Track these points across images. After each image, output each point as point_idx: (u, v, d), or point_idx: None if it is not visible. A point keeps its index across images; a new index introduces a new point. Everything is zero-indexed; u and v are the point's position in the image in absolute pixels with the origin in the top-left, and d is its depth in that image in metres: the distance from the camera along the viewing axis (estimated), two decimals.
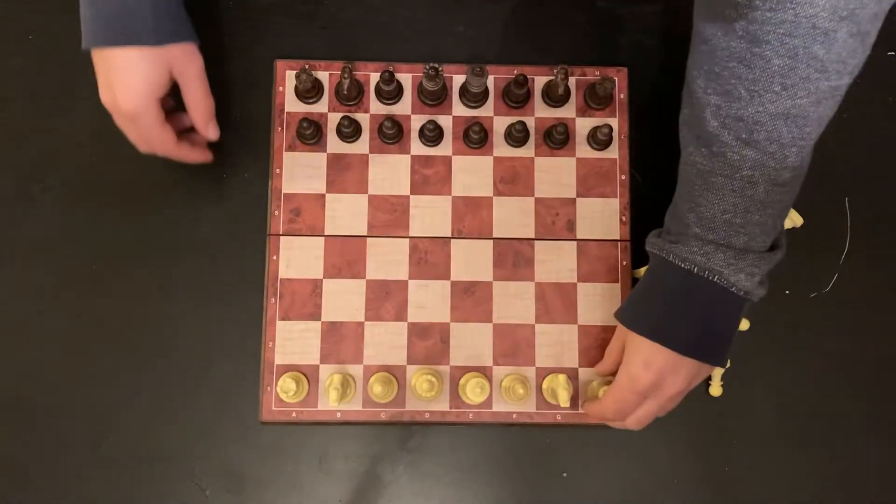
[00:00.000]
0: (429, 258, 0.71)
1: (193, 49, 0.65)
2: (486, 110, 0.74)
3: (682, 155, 0.63)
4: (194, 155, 0.68)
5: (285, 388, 0.66)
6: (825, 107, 0.56)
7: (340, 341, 0.70)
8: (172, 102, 0.68)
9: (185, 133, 0.69)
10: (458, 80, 0.74)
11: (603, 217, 0.72)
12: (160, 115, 0.63)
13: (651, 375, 0.60)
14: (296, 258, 0.71)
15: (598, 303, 0.71)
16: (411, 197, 0.72)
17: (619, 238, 0.72)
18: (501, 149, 0.73)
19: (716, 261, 0.58)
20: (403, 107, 0.73)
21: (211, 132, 0.67)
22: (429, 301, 0.71)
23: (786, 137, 0.56)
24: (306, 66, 0.71)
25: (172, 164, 0.73)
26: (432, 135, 0.71)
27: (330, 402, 0.65)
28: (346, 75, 0.70)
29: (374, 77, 0.73)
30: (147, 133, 0.64)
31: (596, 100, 0.73)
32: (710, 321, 0.60)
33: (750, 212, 0.58)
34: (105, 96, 0.63)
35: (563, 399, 0.66)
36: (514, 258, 0.72)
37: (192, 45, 0.65)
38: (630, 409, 0.63)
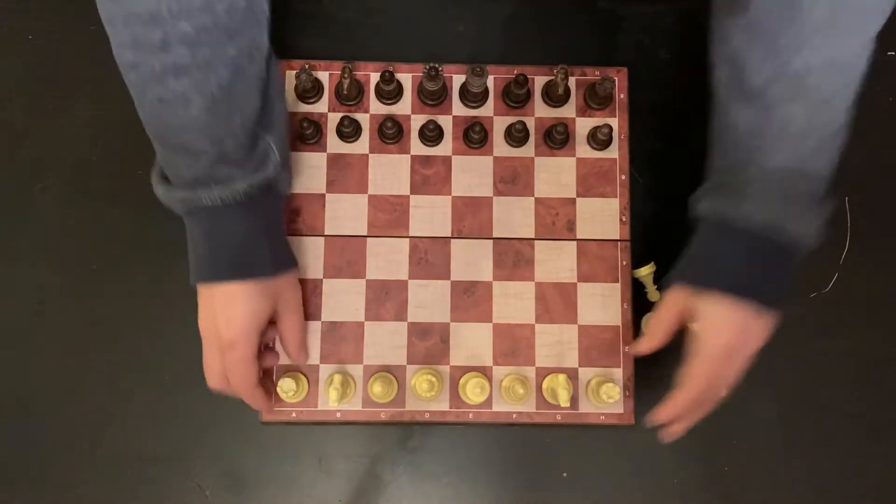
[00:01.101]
0: (429, 258, 0.71)
1: (296, 277, 0.66)
2: (486, 110, 0.74)
3: (717, 116, 0.63)
4: (260, 402, 0.64)
5: (285, 388, 0.66)
6: (864, 59, 0.56)
7: (340, 341, 0.70)
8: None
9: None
10: (458, 80, 0.74)
11: (603, 217, 0.72)
12: (255, 350, 0.61)
13: (739, 334, 0.59)
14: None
15: (598, 303, 0.71)
16: (411, 197, 0.72)
17: (619, 238, 0.72)
18: (501, 149, 0.73)
19: (778, 217, 0.58)
20: (403, 107, 0.73)
21: (302, 358, 0.67)
22: (429, 301, 0.71)
23: (833, 87, 0.56)
24: (306, 66, 0.71)
25: None
26: (432, 135, 0.71)
27: (330, 402, 0.65)
28: (346, 75, 0.70)
29: (374, 77, 0.73)
30: (237, 366, 0.61)
31: (596, 100, 0.73)
32: (777, 273, 0.60)
33: (805, 163, 0.58)
34: (205, 324, 0.61)
35: (563, 399, 0.66)
36: (514, 258, 0.72)
37: (296, 271, 0.66)
38: (724, 375, 0.60)
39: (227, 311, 0.60)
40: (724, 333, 0.59)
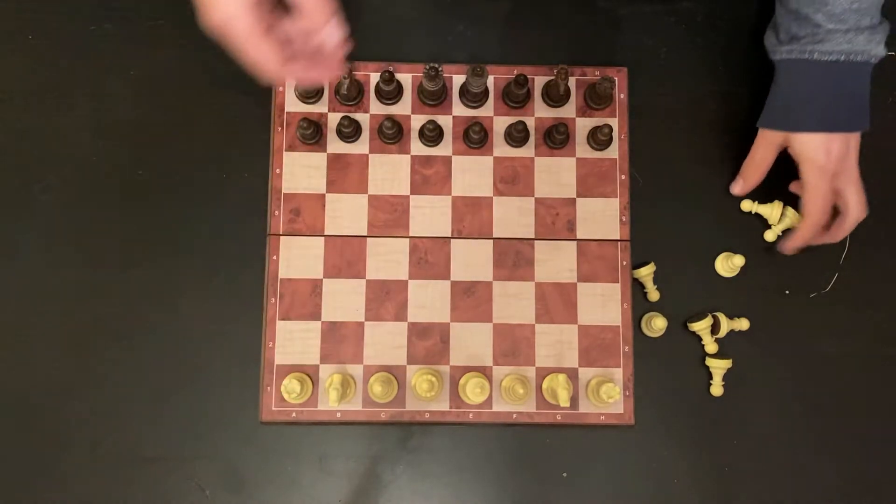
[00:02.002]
0: (429, 258, 0.71)
1: None
2: (486, 110, 0.74)
3: None
4: (316, 72, 0.54)
5: (289, 389, 0.66)
6: None
7: (340, 341, 0.70)
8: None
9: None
10: (458, 80, 0.74)
11: (603, 217, 0.72)
12: (256, 25, 0.51)
13: (834, 160, 0.66)
14: (296, 258, 0.71)
15: (598, 303, 0.71)
16: (411, 197, 0.72)
17: (619, 238, 0.72)
18: (501, 149, 0.73)
19: (858, 43, 0.64)
20: (403, 107, 0.73)
21: (335, 33, 0.53)
22: (429, 301, 0.71)
23: None
24: None
25: (171, 164, 0.73)
26: (432, 135, 0.71)
27: (330, 402, 0.65)
28: (346, 75, 0.70)
29: (374, 77, 0.73)
30: (242, 49, 0.52)
31: (596, 100, 0.73)
32: (857, 94, 0.66)
33: (862, 2, 0.64)
34: (202, 18, 0.53)
35: (563, 399, 0.66)
36: (514, 258, 0.72)
37: None
38: (830, 201, 0.67)
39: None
40: (823, 163, 0.66)
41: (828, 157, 0.66)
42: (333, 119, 0.73)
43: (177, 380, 0.70)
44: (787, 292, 0.73)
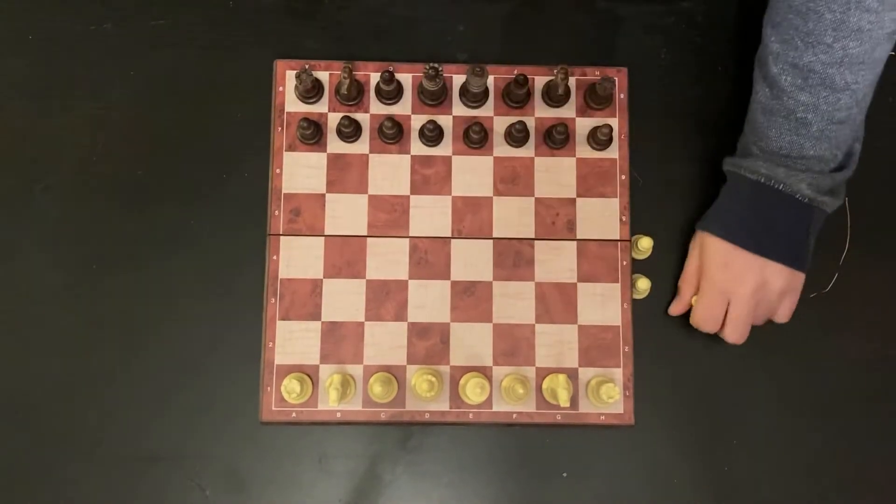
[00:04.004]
0: (429, 258, 0.71)
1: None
2: (486, 110, 0.74)
3: (752, 92, 0.69)
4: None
5: (290, 389, 0.66)
6: (882, 50, 0.62)
7: (340, 341, 0.70)
8: None
9: None
10: (458, 80, 0.74)
11: (603, 217, 0.72)
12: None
13: (728, 274, 0.66)
14: (296, 258, 0.71)
15: (598, 303, 0.71)
16: (411, 197, 0.72)
17: (618, 238, 0.72)
18: (501, 149, 0.73)
19: (779, 172, 0.65)
20: (403, 107, 0.73)
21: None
22: (429, 301, 0.71)
23: (839, 83, 0.62)
24: (306, 66, 0.71)
25: (171, 164, 0.73)
26: (432, 135, 0.71)
27: (330, 402, 0.65)
28: (346, 75, 0.70)
29: (374, 77, 0.73)
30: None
31: (596, 100, 0.73)
32: (781, 225, 0.65)
33: (805, 148, 0.64)
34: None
35: (563, 399, 0.66)
36: (514, 258, 0.72)
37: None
38: (716, 312, 0.67)
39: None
40: (715, 274, 0.67)
41: (723, 272, 0.66)
42: (333, 119, 0.73)
43: (177, 380, 0.70)
44: None
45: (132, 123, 0.74)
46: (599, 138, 0.71)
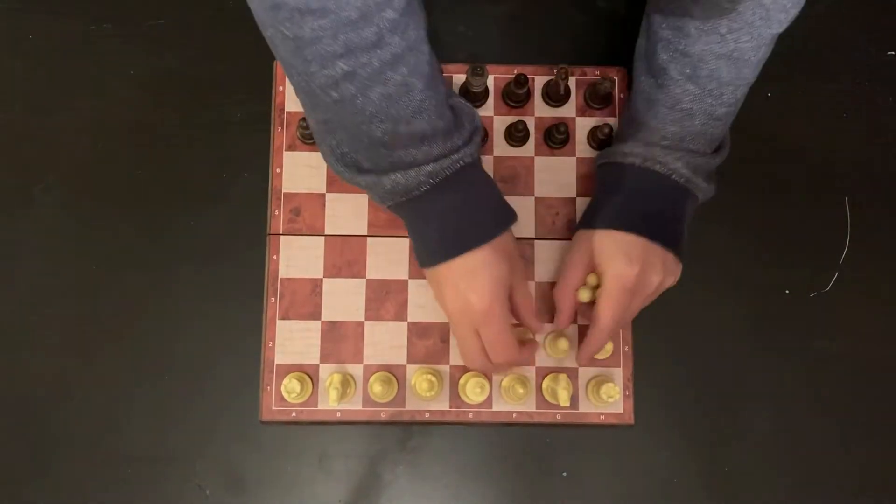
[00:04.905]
0: None
1: (511, 227, 0.64)
2: (486, 110, 0.74)
3: (633, 84, 0.67)
4: (527, 359, 0.68)
5: (289, 389, 0.66)
6: (763, 53, 0.61)
7: (340, 341, 0.70)
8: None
9: None
10: (458, 80, 0.74)
11: None
12: (509, 314, 0.62)
13: (636, 268, 0.61)
14: (296, 258, 0.71)
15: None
16: None
17: None
18: (501, 149, 0.73)
19: (655, 152, 0.63)
20: None
21: (541, 327, 0.67)
22: (429, 300, 0.71)
23: (725, 77, 0.61)
24: None
25: (171, 164, 0.73)
26: None
27: (330, 402, 0.65)
28: None
29: None
30: (497, 339, 0.61)
31: (596, 100, 0.73)
32: (662, 207, 0.63)
33: (685, 140, 0.63)
34: (454, 304, 0.61)
35: (563, 399, 0.66)
36: None
37: (514, 219, 0.64)
38: (628, 311, 0.63)
39: (473, 283, 0.59)
40: (623, 270, 0.61)
41: (629, 265, 0.61)
42: None
43: (177, 380, 0.70)
44: (787, 292, 0.73)
45: (132, 123, 0.74)
46: (599, 138, 0.71)
